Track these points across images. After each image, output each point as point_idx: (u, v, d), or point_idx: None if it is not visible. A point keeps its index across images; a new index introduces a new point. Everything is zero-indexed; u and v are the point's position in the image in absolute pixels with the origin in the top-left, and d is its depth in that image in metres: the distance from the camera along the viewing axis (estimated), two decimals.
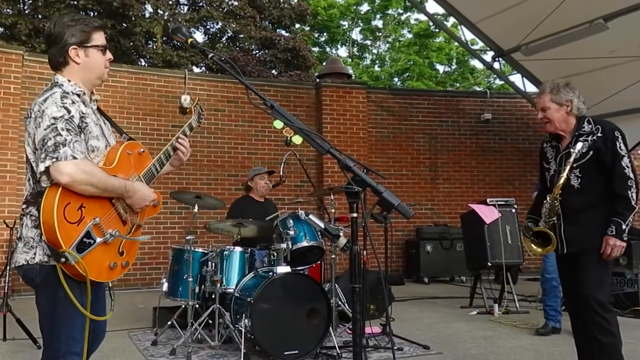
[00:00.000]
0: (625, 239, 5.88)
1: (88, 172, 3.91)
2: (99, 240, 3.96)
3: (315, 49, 41.67)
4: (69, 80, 4.27)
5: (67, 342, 4.08)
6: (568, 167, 5.99)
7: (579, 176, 6.12)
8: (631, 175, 5.91)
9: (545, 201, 6.23)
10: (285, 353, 7.91)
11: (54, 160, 3.84)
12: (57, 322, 4.09)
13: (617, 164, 5.93)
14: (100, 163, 4.20)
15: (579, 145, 6.00)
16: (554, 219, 6.19)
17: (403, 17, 46.19)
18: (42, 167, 3.88)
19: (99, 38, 4.36)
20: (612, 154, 5.96)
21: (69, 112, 4.04)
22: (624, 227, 5.83)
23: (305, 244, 8.94)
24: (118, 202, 4.19)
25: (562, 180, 5.97)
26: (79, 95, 4.23)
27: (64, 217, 3.83)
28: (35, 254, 4.04)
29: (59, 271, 3.88)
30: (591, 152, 6.02)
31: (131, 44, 26.33)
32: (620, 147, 5.96)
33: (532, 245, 6.39)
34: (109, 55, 4.44)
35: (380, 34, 47.17)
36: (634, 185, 5.89)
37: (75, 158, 3.88)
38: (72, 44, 4.27)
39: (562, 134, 6.32)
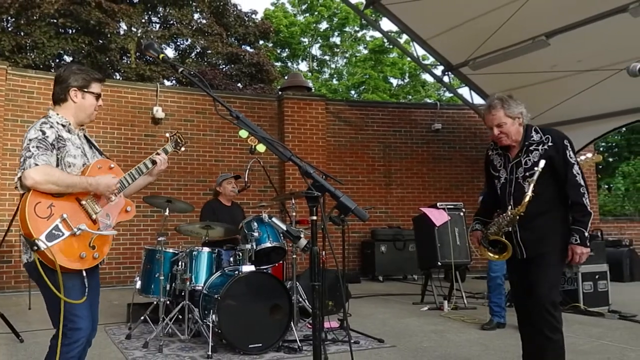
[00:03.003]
0: (589, 244, 5.83)
1: (46, 173, 4.50)
2: (67, 232, 4.51)
3: (278, 64, 41.61)
4: (58, 114, 4.92)
5: (71, 319, 4.58)
6: (532, 185, 5.75)
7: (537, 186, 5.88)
8: (582, 183, 5.87)
9: (505, 214, 6.01)
10: (249, 346, 7.95)
11: (22, 170, 4.50)
12: (57, 305, 4.52)
13: (569, 172, 5.88)
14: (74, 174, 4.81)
15: (542, 163, 5.80)
16: (509, 228, 6.03)
17: (359, 34, 46.25)
18: (15, 178, 4.58)
19: (96, 87, 5.02)
20: (563, 163, 5.89)
21: (43, 133, 4.68)
22: (586, 234, 5.79)
23: (268, 244, 8.99)
24: (87, 203, 4.73)
25: (527, 199, 5.74)
26: (63, 125, 4.87)
27: (35, 213, 4.43)
28: (30, 254, 4.61)
29: (37, 263, 4.42)
30: (543, 162, 5.84)
31: (107, 59, 26.17)
32: (570, 155, 5.90)
33: (489, 253, 6.22)
34: (100, 102, 5.09)
35: (338, 50, 47.19)
36: (586, 192, 5.86)
37: (37, 165, 4.50)
38: (73, 86, 4.93)
39: (512, 144, 6.13)
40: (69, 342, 4.58)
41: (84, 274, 4.64)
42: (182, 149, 5.94)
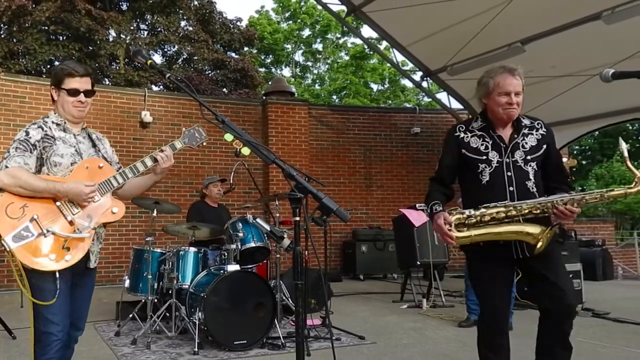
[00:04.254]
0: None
1: (13, 176, 4.40)
2: (35, 233, 4.36)
3: (262, 70, 41.53)
4: (55, 113, 4.83)
5: (43, 322, 4.46)
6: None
7: (535, 171, 5.26)
8: None
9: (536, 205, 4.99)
10: (234, 342, 7.98)
11: None
12: (34, 307, 4.46)
13: (560, 160, 5.52)
14: (61, 174, 4.63)
15: (544, 147, 5.24)
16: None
17: (341, 41, 46.29)
18: None
19: (70, 82, 4.73)
20: (555, 150, 5.47)
21: (27, 134, 4.60)
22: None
23: (253, 244, 9.02)
24: (62, 204, 4.55)
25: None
26: (58, 124, 4.77)
27: (6, 213, 4.36)
28: None
29: (12, 264, 4.40)
30: (544, 147, 5.29)
31: (97, 65, 26.09)
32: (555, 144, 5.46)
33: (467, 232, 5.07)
34: (80, 97, 4.76)
35: (320, 56, 47.24)
36: None
37: (7, 167, 4.44)
38: (51, 85, 4.83)
39: (500, 122, 5.32)
40: (41, 345, 4.49)
41: (57, 275, 4.42)
42: (204, 142, 5.17)
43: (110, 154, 5.10)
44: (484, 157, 5.27)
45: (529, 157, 5.22)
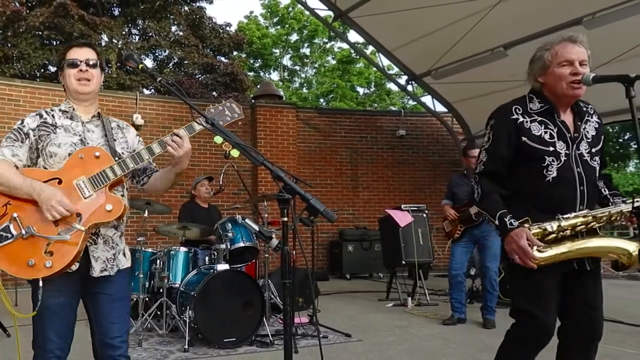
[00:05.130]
0: None
1: None
2: (15, 234, 3.76)
3: (251, 74, 41.54)
4: (66, 101, 4.27)
5: (35, 339, 4.01)
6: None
7: (600, 166, 4.41)
8: None
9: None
10: (224, 340, 7.98)
11: None
12: (33, 322, 3.99)
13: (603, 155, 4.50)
14: (57, 167, 3.98)
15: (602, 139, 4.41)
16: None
17: (328, 46, 46.34)
18: None
19: (68, 56, 4.19)
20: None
21: (22, 122, 4.08)
22: None
23: (242, 244, 9.01)
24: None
25: None
26: (65, 111, 4.20)
27: None
28: None
29: None
30: (602, 138, 4.45)
31: None
32: None
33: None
34: (82, 67, 4.16)
35: (307, 60, 47.25)
36: None
37: None
38: (58, 70, 4.29)
39: (562, 103, 4.34)
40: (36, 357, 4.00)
41: (40, 284, 3.72)
42: (239, 119, 4.35)
43: (132, 144, 4.43)
44: (551, 149, 4.21)
45: (593, 150, 4.33)
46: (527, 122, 4.24)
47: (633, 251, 4.07)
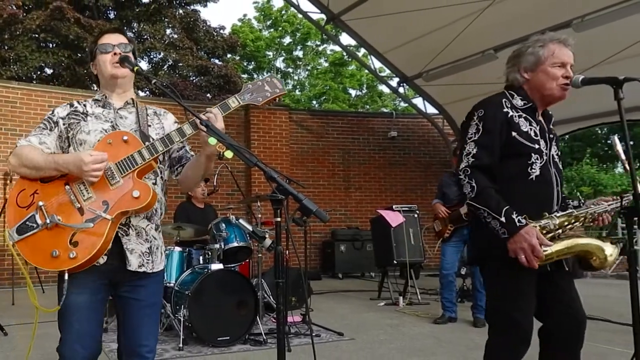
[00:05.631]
0: None
1: (17, 154, 3.68)
2: (40, 223, 3.51)
3: (244, 76, 41.46)
4: (100, 92, 4.00)
5: (62, 335, 3.65)
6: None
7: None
8: None
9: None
10: (218, 339, 7.98)
11: None
12: (57, 316, 3.67)
13: None
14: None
15: (617, 141, 4.24)
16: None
17: (320, 48, 46.24)
18: None
19: (100, 41, 3.96)
20: None
21: (52, 112, 3.86)
22: None
23: (235, 244, 9.03)
24: (72, 188, 3.61)
25: None
26: (98, 100, 3.94)
27: (16, 202, 3.61)
28: None
29: (19, 261, 3.62)
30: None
31: (85, 71, 25.93)
32: None
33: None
34: (116, 50, 3.88)
35: (300, 62, 47.19)
36: None
37: (17, 146, 3.73)
38: (90, 62, 4.06)
39: (543, 103, 4.27)
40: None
41: (66, 277, 3.45)
42: (280, 95, 4.04)
43: (169, 130, 3.93)
44: (537, 146, 4.10)
45: (559, 153, 4.32)
46: (515, 117, 4.10)
47: (609, 254, 4.02)
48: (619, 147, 4.09)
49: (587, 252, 4.05)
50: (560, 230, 4.03)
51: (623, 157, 4.11)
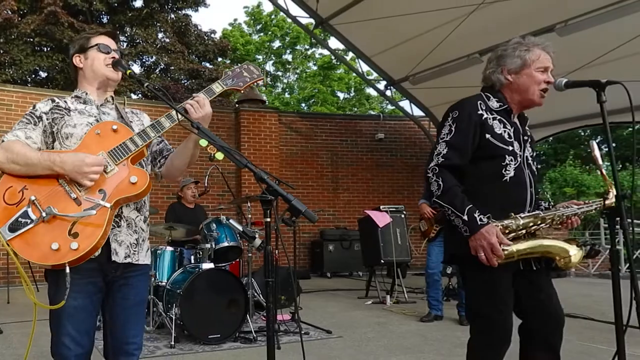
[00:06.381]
0: None
1: (7, 149, 3.48)
2: (34, 218, 3.31)
3: None
4: (78, 89, 3.91)
5: (54, 339, 3.55)
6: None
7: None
8: None
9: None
10: (209, 336, 7.99)
11: None
12: (49, 316, 3.57)
13: None
14: (74, 148, 3.54)
15: (595, 146, 4.15)
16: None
17: (309, 52, 46.28)
18: None
19: (97, 40, 3.89)
20: None
21: (34, 107, 3.73)
22: None
23: (226, 244, 9.04)
24: (66, 181, 3.45)
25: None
26: (78, 97, 3.85)
27: (3, 199, 3.37)
28: None
29: (15, 260, 3.31)
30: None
31: None
32: None
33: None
34: (113, 54, 3.86)
35: (289, 66, 47.18)
36: None
37: (3, 141, 3.54)
38: (74, 53, 3.91)
39: (520, 106, 4.29)
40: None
41: (67, 270, 3.26)
42: (259, 81, 4.21)
43: None
44: (510, 148, 4.10)
45: (534, 155, 4.31)
46: (489, 119, 4.10)
47: (573, 254, 3.99)
48: (597, 152, 4.04)
49: (550, 253, 4.04)
50: (524, 231, 4.01)
51: (600, 162, 4.05)
